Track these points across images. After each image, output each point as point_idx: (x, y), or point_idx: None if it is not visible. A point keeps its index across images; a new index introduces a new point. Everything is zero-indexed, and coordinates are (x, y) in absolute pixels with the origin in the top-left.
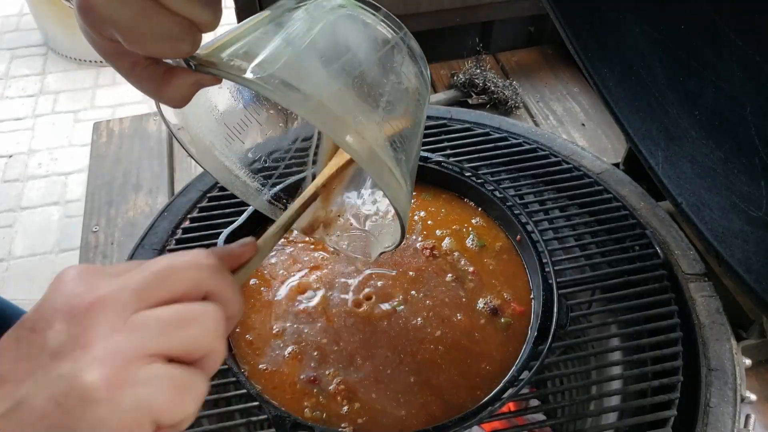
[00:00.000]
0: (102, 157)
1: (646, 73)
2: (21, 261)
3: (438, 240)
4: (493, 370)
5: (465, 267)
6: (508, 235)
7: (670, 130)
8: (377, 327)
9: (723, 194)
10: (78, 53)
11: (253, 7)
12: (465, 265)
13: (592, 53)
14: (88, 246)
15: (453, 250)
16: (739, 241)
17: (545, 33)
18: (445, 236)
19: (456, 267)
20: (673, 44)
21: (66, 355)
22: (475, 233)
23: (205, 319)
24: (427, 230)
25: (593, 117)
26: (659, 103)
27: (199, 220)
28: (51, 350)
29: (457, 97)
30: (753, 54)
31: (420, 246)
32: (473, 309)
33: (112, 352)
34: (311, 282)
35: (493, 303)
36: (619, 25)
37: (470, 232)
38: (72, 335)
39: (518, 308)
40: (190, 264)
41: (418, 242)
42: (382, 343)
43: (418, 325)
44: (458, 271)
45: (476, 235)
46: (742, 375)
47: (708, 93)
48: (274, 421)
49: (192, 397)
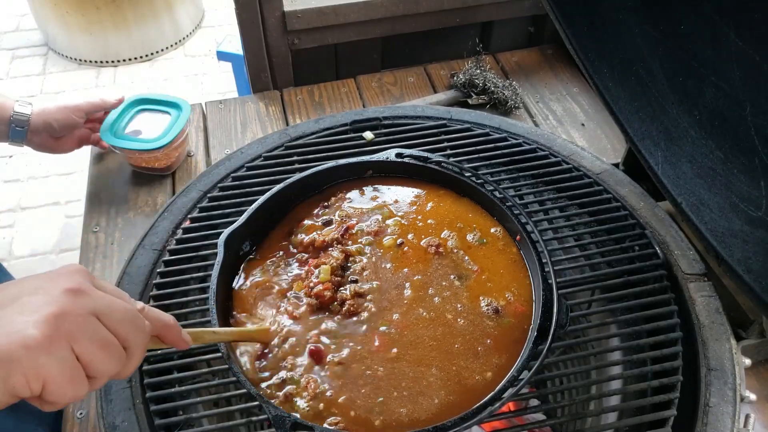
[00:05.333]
0: (102, 157)
1: (645, 73)
2: (21, 261)
3: (440, 237)
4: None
5: (469, 266)
6: (510, 234)
7: (670, 130)
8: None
9: (723, 194)
10: (78, 53)
11: (254, 7)
12: (469, 263)
13: (592, 53)
14: (88, 246)
15: (457, 247)
16: (738, 241)
17: (545, 33)
18: (447, 233)
19: (460, 265)
20: (673, 44)
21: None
22: (478, 231)
23: (117, 360)
24: (431, 229)
25: (593, 117)
26: (659, 103)
27: (199, 220)
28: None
29: (457, 98)
30: (753, 54)
31: (425, 243)
32: (477, 308)
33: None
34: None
35: (495, 303)
36: (619, 25)
37: (473, 230)
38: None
39: (520, 308)
40: (142, 327)
41: (423, 240)
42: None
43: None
44: (462, 269)
45: (479, 233)
46: (741, 375)
47: (708, 93)
48: (274, 421)
49: (71, 392)
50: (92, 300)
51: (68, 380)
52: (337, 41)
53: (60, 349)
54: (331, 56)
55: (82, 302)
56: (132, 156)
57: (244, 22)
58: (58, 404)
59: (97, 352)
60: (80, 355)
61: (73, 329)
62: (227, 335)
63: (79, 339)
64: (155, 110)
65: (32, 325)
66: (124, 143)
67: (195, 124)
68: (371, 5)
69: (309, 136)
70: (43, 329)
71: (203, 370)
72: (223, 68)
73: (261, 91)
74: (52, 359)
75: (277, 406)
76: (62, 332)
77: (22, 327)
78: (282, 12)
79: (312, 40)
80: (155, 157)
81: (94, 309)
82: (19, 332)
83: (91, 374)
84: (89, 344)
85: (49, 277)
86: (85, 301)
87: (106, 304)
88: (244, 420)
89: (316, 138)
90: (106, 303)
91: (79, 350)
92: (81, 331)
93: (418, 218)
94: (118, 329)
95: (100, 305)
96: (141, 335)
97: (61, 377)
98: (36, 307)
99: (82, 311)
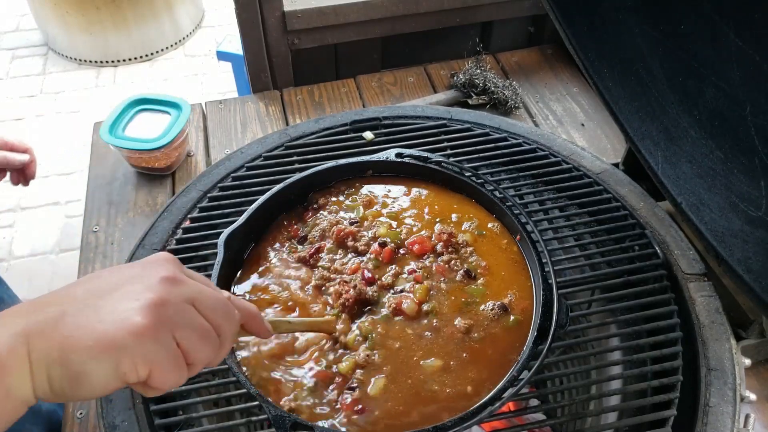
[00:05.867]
0: (102, 157)
1: (645, 73)
2: (21, 261)
3: (446, 233)
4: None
5: (477, 263)
6: (510, 233)
7: (670, 130)
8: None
9: (722, 194)
10: (78, 53)
11: (254, 7)
12: (477, 260)
13: (592, 53)
14: (88, 246)
15: (467, 243)
16: (738, 241)
17: (545, 33)
18: (454, 229)
19: (467, 262)
20: (673, 44)
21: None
22: (478, 226)
23: (213, 347)
24: (435, 226)
25: (593, 117)
26: (659, 103)
27: (199, 220)
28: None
29: (457, 98)
30: (753, 54)
31: (435, 239)
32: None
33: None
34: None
35: (502, 300)
36: (619, 25)
37: (476, 229)
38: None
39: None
40: (233, 315)
41: (433, 236)
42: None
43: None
44: (470, 266)
45: (478, 227)
46: (741, 375)
47: (708, 93)
48: (274, 421)
49: (174, 378)
50: (188, 288)
51: (172, 366)
52: (337, 41)
53: (164, 336)
54: (331, 56)
55: (179, 290)
56: (132, 156)
57: (244, 22)
58: (161, 390)
59: (195, 339)
60: (180, 342)
61: (173, 316)
62: (300, 325)
63: (179, 326)
64: (155, 110)
65: (136, 312)
66: (124, 143)
67: (195, 124)
68: (371, 5)
69: (309, 136)
70: (147, 317)
71: (203, 369)
72: (223, 68)
73: (261, 91)
74: (158, 346)
75: (278, 406)
76: (164, 319)
77: (128, 315)
78: (282, 12)
79: (312, 40)
80: (155, 157)
81: (190, 297)
82: (126, 320)
83: (190, 361)
84: (189, 331)
85: (142, 266)
86: (182, 289)
87: (199, 292)
88: (244, 420)
89: (316, 138)
90: (199, 291)
91: (179, 337)
92: (180, 319)
93: (428, 216)
94: (212, 317)
95: (195, 293)
96: (232, 323)
97: (166, 363)
98: (136, 295)
99: (179, 299)
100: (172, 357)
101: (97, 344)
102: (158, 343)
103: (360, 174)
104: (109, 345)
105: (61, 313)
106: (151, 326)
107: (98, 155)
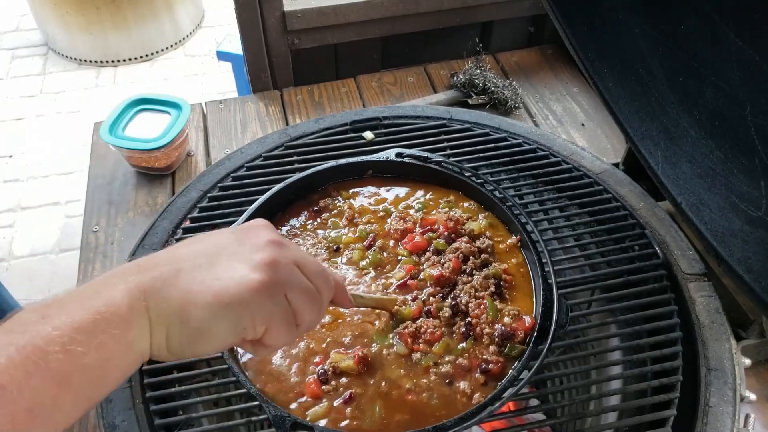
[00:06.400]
0: (102, 157)
1: (645, 73)
2: (21, 261)
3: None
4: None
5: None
6: (511, 232)
7: (670, 130)
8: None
9: (722, 194)
10: (78, 53)
11: (254, 7)
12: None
13: (592, 53)
14: (88, 246)
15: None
16: (738, 241)
17: (545, 33)
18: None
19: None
20: (673, 44)
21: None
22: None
23: (318, 310)
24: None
25: (593, 117)
26: (659, 103)
27: (199, 220)
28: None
29: (457, 98)
30: (753, 54)
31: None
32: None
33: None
34: None
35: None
36: (619, 25)
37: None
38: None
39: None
40: (330, 281)
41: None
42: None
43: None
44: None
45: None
46: (741, 375)
47: (708, 93)
48: (274, 421)
49: (286, 337)
50: (292, 251)
51: (286, 324)
52: (337, 41)
53: (278, 294)
54: (331, 56)
55: (286, 253)
56: (132, 156)
57: (244, 22)
58: (274, 348)
59: (305, 300)
60: (291, 302)
61: (284, 277)
62: (370, 301)
63: (290, 286)
64: (155, 110)
65: (252, 270)
66: (124, 143)
67: (195, 124)
68: (371, 5)
69: (309, 136)
70: (263, 275)
71: (203, 369)
72: (223, 68)
73: (261, 91)
74: (274, 303)
75: (278, 406)
76: (277, 279)
77: (245, 272)
78: (282, 12)
79: (312, 40)
80: (155, 156)
81: (296, 260)
82: (244, 277)
83: (298, 321)
84: (299, 292)
85: (243, 230)
86: (289, 252)
87: (303, 257)
88: (244, 420)
89: (316, 138)
90: (303, 256)
91: (291, 297)
92: (291, 279)
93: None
94: (315, 281)
95: (300, 257)
96: (330, 289)
97: (281, 320)
98: (249, 255)
99: (287, 260)
100: (285, 315)
101: (217, 300)
102: (273, 300)
103: (360, 174)
104: (229, 301)
105: (175, 271)
106: (269, 284)
107: (98, 155)
